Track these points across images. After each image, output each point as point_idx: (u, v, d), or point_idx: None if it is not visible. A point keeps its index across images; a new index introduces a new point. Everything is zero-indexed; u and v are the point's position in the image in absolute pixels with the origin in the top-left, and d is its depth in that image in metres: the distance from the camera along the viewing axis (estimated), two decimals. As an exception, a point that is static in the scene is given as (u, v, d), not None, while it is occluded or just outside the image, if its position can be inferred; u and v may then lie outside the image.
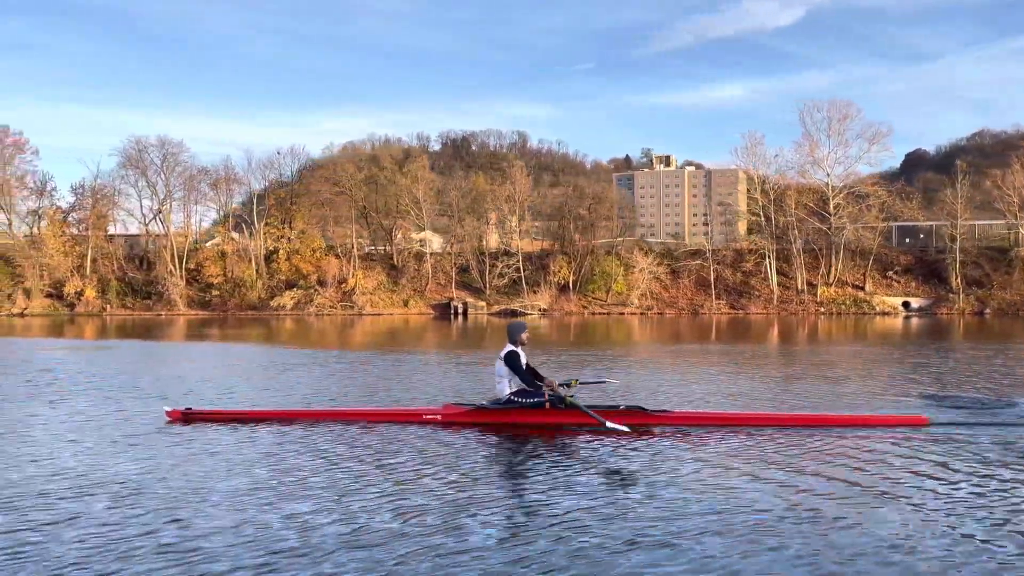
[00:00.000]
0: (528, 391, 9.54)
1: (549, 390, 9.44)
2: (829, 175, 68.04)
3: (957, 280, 62.53)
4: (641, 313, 63.63)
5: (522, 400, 9.53)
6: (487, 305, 66.57)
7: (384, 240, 73.92)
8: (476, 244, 71.39)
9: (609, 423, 8.70)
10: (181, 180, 74.23)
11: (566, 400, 9.30)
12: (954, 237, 63.06)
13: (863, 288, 65.58)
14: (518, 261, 69.22)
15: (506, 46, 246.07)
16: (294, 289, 68.09)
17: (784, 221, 66.54)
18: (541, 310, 64.59)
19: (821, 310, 63.30)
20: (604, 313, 63.87)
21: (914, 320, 52.40)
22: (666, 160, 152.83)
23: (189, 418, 10.10)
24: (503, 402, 9.63)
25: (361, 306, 66.15)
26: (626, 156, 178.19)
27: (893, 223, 70.10)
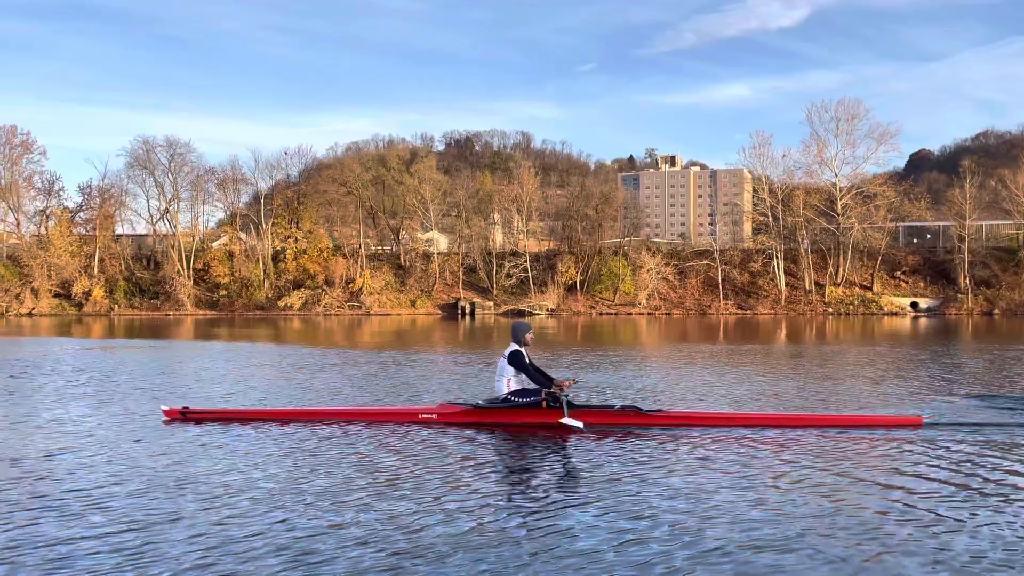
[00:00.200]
0: (526, 391, 9.53)
1: (559, 389, 9.38)
2: (837, 175, 68.09)
3: (965, 280, 62.49)
4: (649, 313, 63.64)
5: (518, 399, 9.51)
6: (494, 305, 66.61)
7: (391, 240, 73.98)
8: (483, 244, 71.42)
9: (563, 420, 8.86)
10: (189, 180, 74.55)
11: (561, 399, 9.27)
12: (963, 237, 63.01)
13: (871, 288, 65.56)
14: (525, 261, 69.24)
15: (514, 47, 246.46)
16: (301, 289, 68.15)
17: (792, 221, 66.53)
18: (549, 310, 64.62)
19: (829, 310, 63.28)
20: (612, 313, 63.88)
21: (922, 320, 52.33)
22: (671, 160, 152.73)
23: (186, 417, 10.08)
24: (500, 401, 9.63)
25: (368, 306, 66.19)
26: (630, 156, 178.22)
27: (900, 223, 70.08)
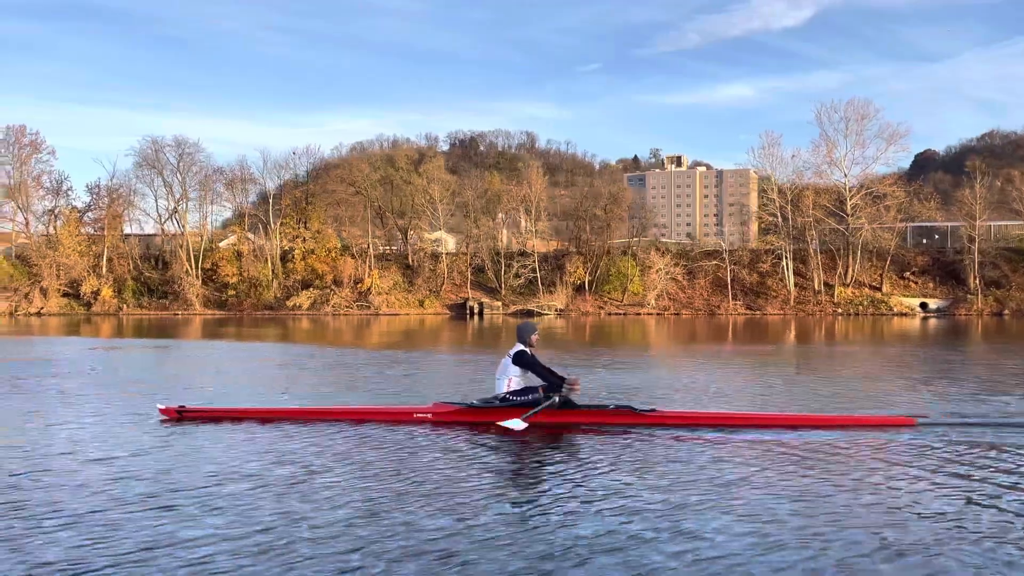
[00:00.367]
0: (525, 390, 9.53)
1: (570, 387, 9.37)
2: (846, 175, 68.00)
3: (975, 281, 62.38)
4: (658, 314, 63.59)
5: (515, 399, 9.52)
6: (503, 305, 66.60)
7: (399, 240, 73.98)
8: (491, 244, 71.39)
9: (516, 420, 8.96)
10: (197, 180, 74.51)
11: (555, 399, 9.31)
12: (972, 238, 62.89)
13: (880, 289, 65.46)
14: (534, 261, 69.20)
15: (514, 47, 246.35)
16: (310, 289, 68.16)
17: (801, 221, 66.46)
18: (557, 310, 64.58)
19: (838, 311, 63.19)
20: (620, 313, 63.84)
21: (932, 321, 52.32)
22: (677, 160, 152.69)
23: (183, 416, 10.12)
24: (498, 400, 9.63)
25: (377, 306, 66.20)
26: (634, 156, 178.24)
27: (909, 223, 69.96)
